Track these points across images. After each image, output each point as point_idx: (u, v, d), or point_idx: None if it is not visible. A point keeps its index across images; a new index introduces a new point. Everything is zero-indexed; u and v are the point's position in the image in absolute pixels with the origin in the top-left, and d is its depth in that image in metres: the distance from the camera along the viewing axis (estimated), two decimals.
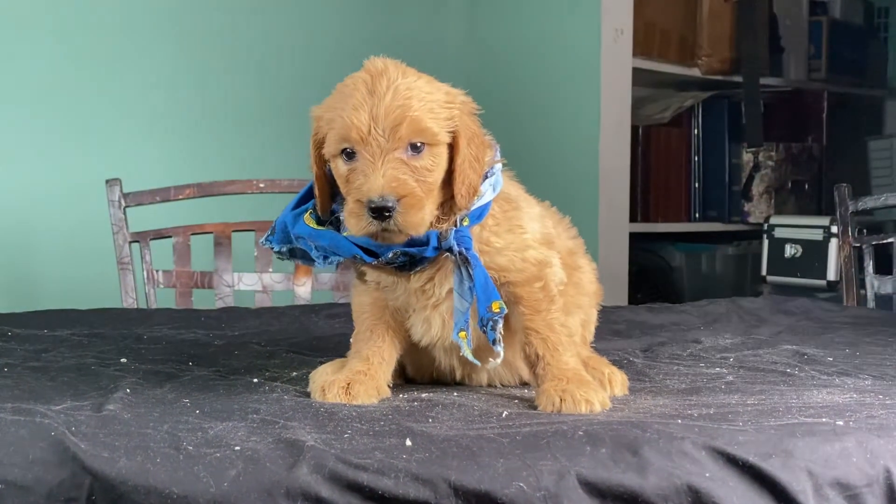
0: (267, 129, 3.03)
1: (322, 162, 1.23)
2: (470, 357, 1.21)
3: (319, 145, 1.22)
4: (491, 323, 1.19)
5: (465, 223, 1.21)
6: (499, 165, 1.25)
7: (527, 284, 1.23)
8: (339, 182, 1.20)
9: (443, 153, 1.18)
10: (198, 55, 2.92)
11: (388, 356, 1.27)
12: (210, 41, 2.94)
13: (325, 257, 1.25)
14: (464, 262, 1.19)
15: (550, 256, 1.26)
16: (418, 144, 1.16)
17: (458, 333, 1.20)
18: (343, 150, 1.17)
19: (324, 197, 1.24)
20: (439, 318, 1.25)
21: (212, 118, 2.95)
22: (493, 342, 1.20)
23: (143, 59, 2.82)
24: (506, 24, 3.42)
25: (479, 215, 1.22)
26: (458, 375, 1.32)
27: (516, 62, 3.38)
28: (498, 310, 1.19)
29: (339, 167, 1.18)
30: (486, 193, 1.22)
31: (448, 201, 1.21)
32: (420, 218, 1.15)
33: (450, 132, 1.19)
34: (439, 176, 1.18)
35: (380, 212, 1.13)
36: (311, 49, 3.11)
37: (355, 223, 1.15)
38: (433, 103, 1.18)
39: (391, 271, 1.24)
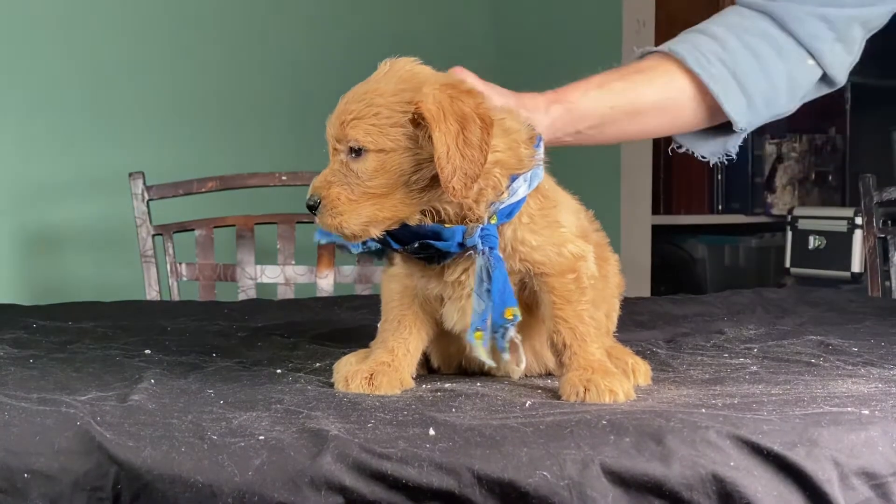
0: (289, 121, 3.04)
1: None
2: (484, 357, 1.21)
3: None
4: (502, 330, 1.19)
5: (493, 221, 1.20)
6: (539, 158, 1.23)
7: (560, 275, 1.23)
8: None
9: (389, 157, 1.17)
10: (221, 48, 2.93)
11: (413, 348, 1.27)
12: (233, 34, 2.95)
13: (364, 241, 1.26)
14: (486, 262, 1.19)
15: (587, 251, 1.25)
16: (357, 148, 1.17)
17: (473, 333, 1.20)
18: None
19: None
20: (470, 308, 1.25)
21: (234, 111, 2.96)
22: (502, 350, 1.20)
23: (165, 52, 2.83)
24: (527, 16, 3.41)
25: (508, 213, 1.20)
26: (486, 367, 1.32)
27: (538, 53, 3.38)
28: (511, 317, 1.19)
29: None
30: (520, 190, 1.20)
31: (479, 194, 1.19)
32: (337, 222, 1.18)
33: (412, 130, 1.16)
34: (388, 178, 1.17)
35: (310, 208, 1.19)
36: (334, 41, 3.11)
37: None
38: (385, 106, 1.17)
39: (419, 262, 1.24)
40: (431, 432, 0.99)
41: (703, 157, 1.50)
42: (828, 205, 3.79)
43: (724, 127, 1.45)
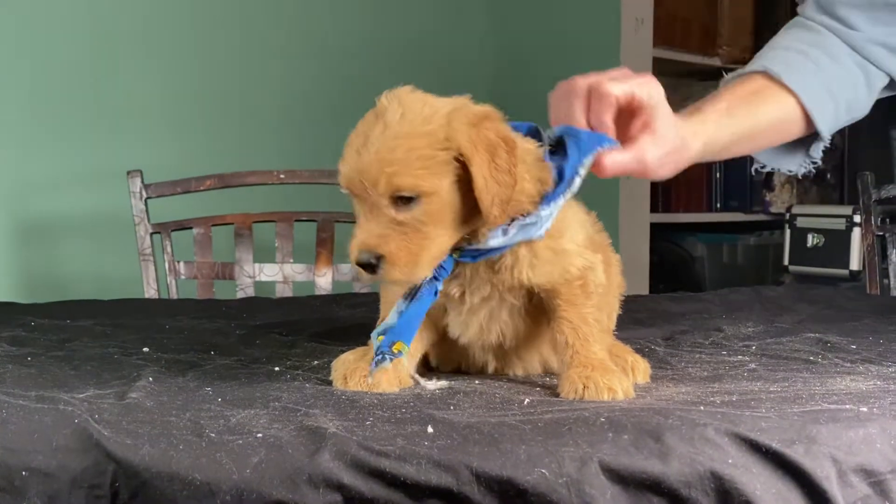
0: (288, 120, 3.04)
1: None
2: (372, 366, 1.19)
3: None
4: (383, 356, 1.18)
5: (455, 255, 1.19)
6: (546, 213, 1.18)
7: (567, 283, 1.23)
8: None
9: (442, 196, 1.14)
10: (218, 47, 2.93)
11: (413, 349, 1.26)
12: (230, 34, 2.95)
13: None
14: (418, 286, 1.18)
15: (594, 261, 1.25)
16: (408, 196, 1.13)
17: (377, 335, 1.19)
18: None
19: None
20: (476, 322, 1.26)
21: (233, 109, 2.96)
22: (372, 368, 1.19)
23: (163, 51, 2.83)
24: (526, 15, 3.41)
25: (473, 257, 1.19)
26: (491, 369, 1.32)
27: (536, 52, 3.38)
28: (396, 351, 1.18)
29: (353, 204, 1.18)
30: (492, 241, 1.18)
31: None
32: (407, 272, 1.14)
33: (455, 166, 1.14)
34: (442, 217, 1.14)
35: (366, 267, 1.14)
36: (331, 40, 3.11)
37: (355, 270, 1.17)
38: (425, 147, 1.13)
39: None
40: (430, 430, 0.99)
41: (790, 172, 1.56)
42: (826, 203, 3.79)
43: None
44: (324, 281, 2.41)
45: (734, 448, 0.96)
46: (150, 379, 1.23)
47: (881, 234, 2.51)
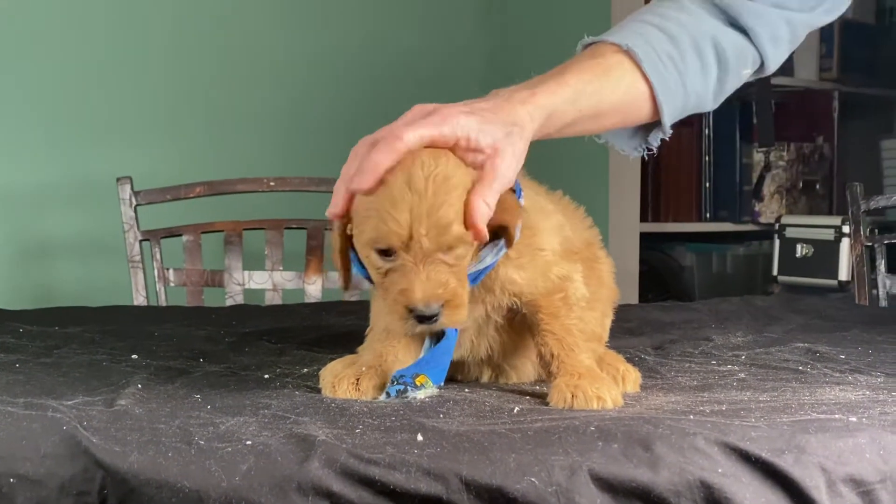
0: (278, 127, 3.03)
1: (347, 239, 1.18)
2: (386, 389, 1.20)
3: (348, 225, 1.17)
4: (404, 387, 1.19)
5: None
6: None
7: (548, 295, 1.24)
8: (371, 271, 1.16)
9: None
10: (208, 54, 2.93)
11: (402, 356, 1.26)
12: (221, 41, 2.95)
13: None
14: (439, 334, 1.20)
15: (573, 271, 1.26)
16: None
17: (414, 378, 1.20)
18: (379, 249, 1.14)
19: (348, 271, 1.21)
20: (467, 339, 1.27)
21: (222, 116, 2.95)
22: (387, 395, 1.19)
23: (153, 58, 2.83)
24: (517, 21, 3.42)
25: (474, 279, 1.20)
26: (485, 379, 1.33)
27: (525, 60, 3.38)
28: (420, 384, 1.19)
29: (374, 259, 1.14)
30: (487, 258, 1.19)
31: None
32: (462, 314, 1.14)
33: None
34: (470, 252, 1.16)
35: (426, 318, 1.12)
36: (323, 46, 3.11)
37: (399, 325, 1.14)
38: (462, 189, 1.12)
39: None
40: (419, 438, 0.98)
41: (623, 151, 1.47)
42: (815, 213, 3.80)
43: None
44: (313, 289, 2.40)
45: (723, 457, 0.96)
46: (139, 386, 1.23)
47: (870, 244, 2.52)
